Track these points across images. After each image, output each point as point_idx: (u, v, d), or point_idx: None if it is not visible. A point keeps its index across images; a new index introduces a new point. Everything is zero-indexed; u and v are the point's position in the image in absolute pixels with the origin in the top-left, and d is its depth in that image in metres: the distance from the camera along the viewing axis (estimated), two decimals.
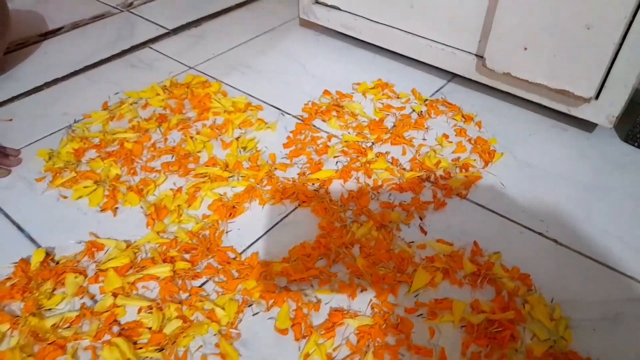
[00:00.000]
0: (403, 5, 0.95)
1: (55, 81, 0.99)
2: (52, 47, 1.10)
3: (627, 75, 0.74)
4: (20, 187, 0.75)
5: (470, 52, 0.91)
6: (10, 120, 0.89)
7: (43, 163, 0.79)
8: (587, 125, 0.87)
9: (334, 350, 0.55)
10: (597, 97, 0.78)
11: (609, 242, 0.67)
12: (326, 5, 1.07)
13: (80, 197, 0.73)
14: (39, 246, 0.66)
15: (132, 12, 1.25)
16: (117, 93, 0.96)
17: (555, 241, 0.68)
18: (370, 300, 0.60)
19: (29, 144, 0.83)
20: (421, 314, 0.58)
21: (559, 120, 0.89)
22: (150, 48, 1.11)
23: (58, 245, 0.66)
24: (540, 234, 0.69)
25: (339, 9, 1.05)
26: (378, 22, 1.00)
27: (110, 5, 1.27)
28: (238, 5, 1.29)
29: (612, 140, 0.85)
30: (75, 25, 1.18)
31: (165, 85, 0.97)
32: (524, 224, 0.70)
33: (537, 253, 0.66)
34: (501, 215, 0.71)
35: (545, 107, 0.88)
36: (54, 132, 0.86)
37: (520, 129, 0.87)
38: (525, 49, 0.79)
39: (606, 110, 0.79)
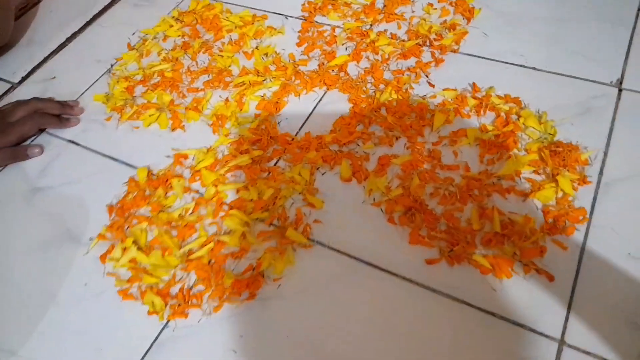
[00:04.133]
0: None
1: (75, 35, 1.09)
2: (55, 5, 1.18)
3: None
4: (95, 128, 0.90)
5: None
6: (54, 78, 1.01)
7: (102, 106, 0.93)
8: None
9: (388, 183, 0.74)
10: None
11: (576, 59, 0.85)
12: None
13: (150, 123, 0.88)
14: (135, 168, 0.82)
15: None
16: (134, 33, 1.06)
17: (534, 68, 0.85)
18: (405, 143, 0.78)
19: (82, 94, 0.96)
20: (445, 144, 0.77)
21: None
22: None
23: (151, 163, 0.82)
24: (521, 65, 0.86)
25: None
26: None
27: None
28: None
29: None
30: None
31: (174, 16, 1.07)
32: (508, 61, 0.87)
33: (521, 81, 0.83)
34: (489, 59, 0.88)
35: None
36: (98, 79, 0.98)
37: None
38: None
39: None
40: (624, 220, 0.66)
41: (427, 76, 0.87)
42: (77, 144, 0.88)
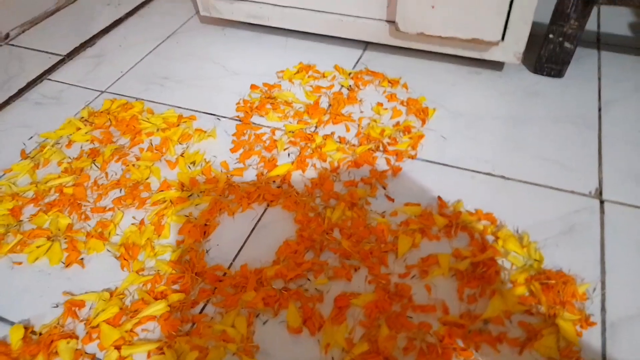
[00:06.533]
0: None
1: None
2: None
3: (525, 14, 0.81)
4: None
5: (380, 19, 0.94)
6: None
7: None
8: (497, 65, 0.95)
9: (349, 333, 0.58)
10: (502, 38, 0.86)
11: (545, 166, 0.76)
12: None
13: (37, 258, 0.68)
14: (11, 323, 0.61)
15: (12, 45, 1.13)
16: (31, 137, 0.88)
17: (503, 177, 0.75)
18: (366, 276, 0.63)
19: None
20: (414, 275, 0.63)
21: (472, 65, 0.96)
22: (49, 80, 1.03)
23: (32, 315, 0.62)
24: (488, 174, 0.76)
25: (241, 0, 1.04)
26: (285, 6, 1.00)
27: None
28: (128, 15, 1.22)
29: (521, 73, 0.94)
30: None
31: (83, 117, 0.91)
32: (473, 169, 0.76)
33: (491, 192, 0.73)
34: (451, 166, 0.77)
35: (458, 56, 0.95)
36: None
37: (442, 82, 0.93)
38: (433, 7, 0.84)
39: (513, 49, 0.87)
40: None
41: (384, 188, 0.74)
42: None
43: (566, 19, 0.83)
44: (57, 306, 0.62)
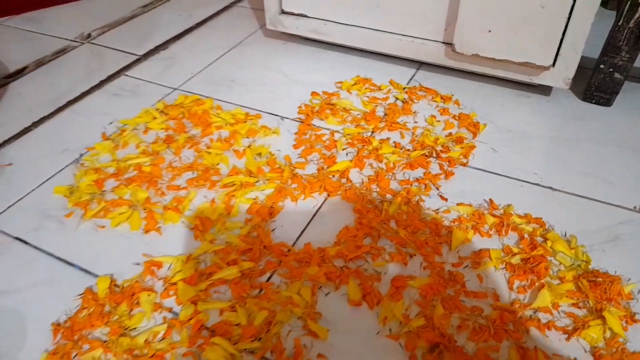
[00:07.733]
0: (370, 5, 1.04)
1: (42, 120, 0.98)
2: (24, 88, 1.08)
3: (576, 42, 0.88)
4: (51, 225, 0.75)
5: (437, 41, 1.02)
6: (10, 164, 0.87)
7: (63, 200, 0.79)
8: (545, 90, 1.01)
9: (405, 309, 0.62)
10: (553, 64, 0.92)
11: (591, 181, 0.80)
12: (293, 14, 1.14)
13: (119, 223, 0.75)
14: (95, 276, 0.67)
15: (93, 44, 1.24)
16: (111, 122, 0.97)
17: (551, 188, 0.80)
18: (421, 263, 0.68)
19: (40, 184, 0.83)
20: (467, 265, 0.67)
21: (521, 89, 1.02)
22: (126, 75, 1.12)
23: (115, 271, 0.68)
24: (537, 184, 0.80)
25: (307, 17, 1.13)
26: (348, 24, 1.09)
27: (69, 40, 1.25)
28: (198, 25, 1.32)
29: (568, 100, 0.99)
30: (40, 63, 1.16)
31: (159, 108, 0.99)
32: (522, 179, 0.81)
33: (540, 200, 0.77)
34: (501, 175, 0.82)
35: (507, 80, 1.01)
36: (62, 169, 0.86)
37: (492, 102, 0.99)
38: (490, 31, 0.91)
39: (562, 75, 0.93)
40: None
41: (437, 189, 0.80)
42: (26, 243, 0.73)
43: (618, 51, 0.89)
44: (138, 264, 0.68)
